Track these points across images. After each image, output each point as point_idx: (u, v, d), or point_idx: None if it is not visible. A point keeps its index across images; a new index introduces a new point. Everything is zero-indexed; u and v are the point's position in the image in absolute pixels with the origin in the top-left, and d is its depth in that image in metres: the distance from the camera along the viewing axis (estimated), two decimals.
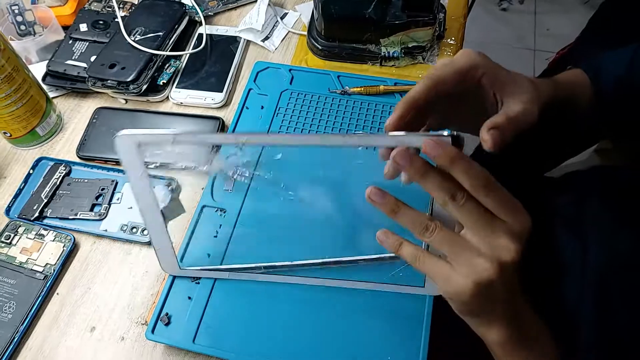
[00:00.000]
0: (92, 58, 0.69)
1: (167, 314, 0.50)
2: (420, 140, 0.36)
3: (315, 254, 0.51)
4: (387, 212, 0.39)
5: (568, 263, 0.60)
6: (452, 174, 0.36)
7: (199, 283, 0.52)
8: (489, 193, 0.35)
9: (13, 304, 0.53)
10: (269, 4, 0.75)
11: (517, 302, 0.41)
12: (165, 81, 0.68)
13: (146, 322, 0.52)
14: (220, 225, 0.55)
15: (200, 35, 0.74)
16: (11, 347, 0.50)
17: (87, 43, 0.71)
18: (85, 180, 0.61)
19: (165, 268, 0.51)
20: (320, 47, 0.71)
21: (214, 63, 0.71)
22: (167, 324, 0.50)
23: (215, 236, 0.55)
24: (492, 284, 0.36)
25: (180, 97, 0.68)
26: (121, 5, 0.75)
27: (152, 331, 0.49)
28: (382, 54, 0.69)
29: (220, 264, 0.52)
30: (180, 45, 0.73)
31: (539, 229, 0.66)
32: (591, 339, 0.55)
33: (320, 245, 0.52)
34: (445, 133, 0.35)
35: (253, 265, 0.51)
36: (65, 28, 0.74)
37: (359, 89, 0.65)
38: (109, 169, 0.63)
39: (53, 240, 0.57)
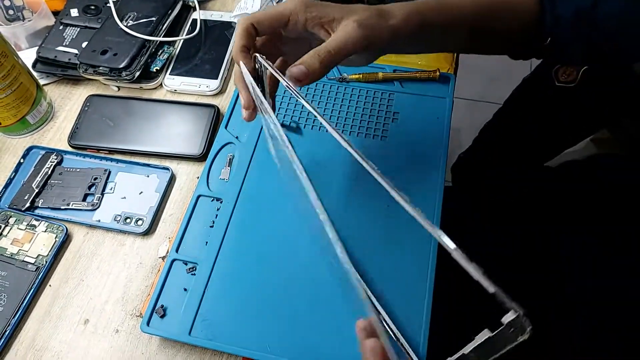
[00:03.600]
0: (84, 44, 0.67)
1: (162, 305, 0.49)
2: None
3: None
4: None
5: (565, 259, 0.60)
6: None
7: (194, 274, 0.51)
8: None
9: (4, 296, 0.51)
10: None
11: None
12: (158, 68, 0.67)
13: (141, 314, 0.51)
14: (217, 215, 0.54)
15: (194, 20, 0.72)
16: (2, 340, 0.49)
17: (78, 29, 0.70)
18: (78, 170, 0.60)
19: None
20: None
21: (208, 49, 0.69)
22: (162, 316, 0.49)
23: (212, 226, 0.54)
24: None
25: (174, 84, 0.66)
26: None
27: (147, 324, 0.48)
28: None
29: (218, 253, 0.51)
30: (173, 31, 0.71)
31: (537, 223, 0.66)
32: (589, 335, 0.55)
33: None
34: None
35: None
36: (55, 13, 0.72)
37: (357, 76, 0.63)
38: (101, 158, 0.61)
39: (45, 231, 0.55)
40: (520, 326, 0.27)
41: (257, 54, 0.44)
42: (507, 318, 0.27)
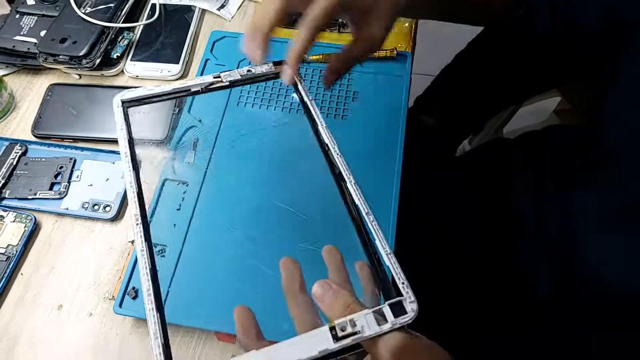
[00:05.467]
0: (42, 33, 0.66)
1: (133, 287, 0.51)
2: None
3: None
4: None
5: (523, 222, 0.62)
6: None
7: (164, 256, 0.52)
8: None
9: None
10: None
11: None
12: (119, 54, 0.67)
13: (113, 297, 0.53)
14: (183, 198, 0.56)
15: (154, 5, 0.72)
16: None
17: (36, 17, 0.69)
18: (43, 159, 0.60)
19: None
20: None
21: (168, 34, 0.70)
22: (134, 298, 0.50)
23: (178, 209, 0.55)
24: None
25: (136, 70, 0.67)
26: None
27: (120, 305, 0.50)
28: (341, 20, 0.69)
29: (186, 235, 0.53)
30: (133, 16, 0.71)
31: (495, 190, 0.69)
32: (548, 295, 0.58)
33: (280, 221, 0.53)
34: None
35: None
36: (10, 2, 0.71)
37: (317, 57, 0.65)
38: (66, 147, 0.61)
39: (13, 221, 0.56)
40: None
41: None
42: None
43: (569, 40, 0.64)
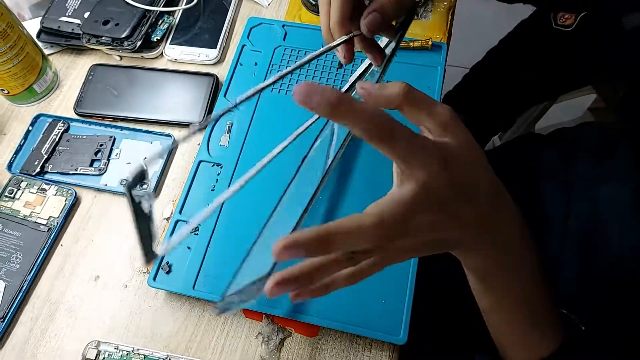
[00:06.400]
0: (86, 14, 0.69)
1: (167, 262, 0.53)
2: None
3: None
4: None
5: (551, 216, 0.62)
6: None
7: (197, 234, 0.54)
8: None
9: (20, 254, 0.55)
10: None
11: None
12: (159, 37, 0.68)
13: (148, 270, 0.55)
14: (217, 180, 0.57)
15: None
16: (21, 294, 0.53)
17: None
18: (84, 137, 0.63)
19: None
20: (313, 3, 0.71)
21: (207, 19, 0.71)
22: (168, 272, 0.52)
23: (213, 190, 0.57)
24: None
25: (175, 53, 0.68)
26: None
27: (154, 279, 0.52)
28: None
29: (219, 214, 0.55)
30: (173, 1, 0.73)
31: (524, 184, 0.68)
32: (572, 289, 0.58)
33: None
34: None
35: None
36: None
37: None
38: (106, 125, 0.64)
39: (55, 195, 0.59)
40: None
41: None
42: None
43: (599, 34, 0.63)
